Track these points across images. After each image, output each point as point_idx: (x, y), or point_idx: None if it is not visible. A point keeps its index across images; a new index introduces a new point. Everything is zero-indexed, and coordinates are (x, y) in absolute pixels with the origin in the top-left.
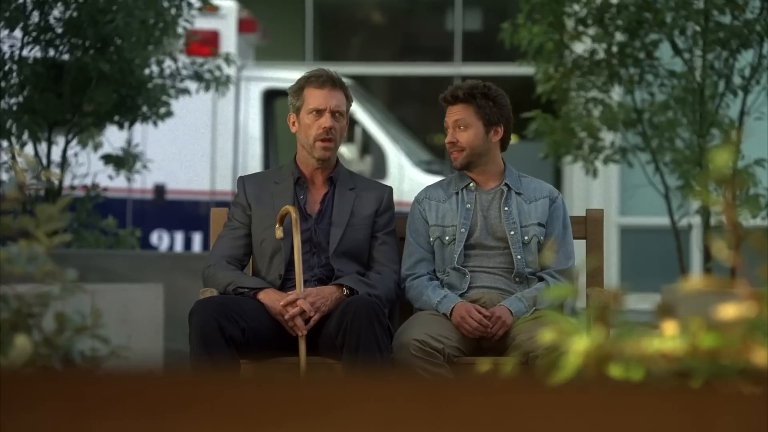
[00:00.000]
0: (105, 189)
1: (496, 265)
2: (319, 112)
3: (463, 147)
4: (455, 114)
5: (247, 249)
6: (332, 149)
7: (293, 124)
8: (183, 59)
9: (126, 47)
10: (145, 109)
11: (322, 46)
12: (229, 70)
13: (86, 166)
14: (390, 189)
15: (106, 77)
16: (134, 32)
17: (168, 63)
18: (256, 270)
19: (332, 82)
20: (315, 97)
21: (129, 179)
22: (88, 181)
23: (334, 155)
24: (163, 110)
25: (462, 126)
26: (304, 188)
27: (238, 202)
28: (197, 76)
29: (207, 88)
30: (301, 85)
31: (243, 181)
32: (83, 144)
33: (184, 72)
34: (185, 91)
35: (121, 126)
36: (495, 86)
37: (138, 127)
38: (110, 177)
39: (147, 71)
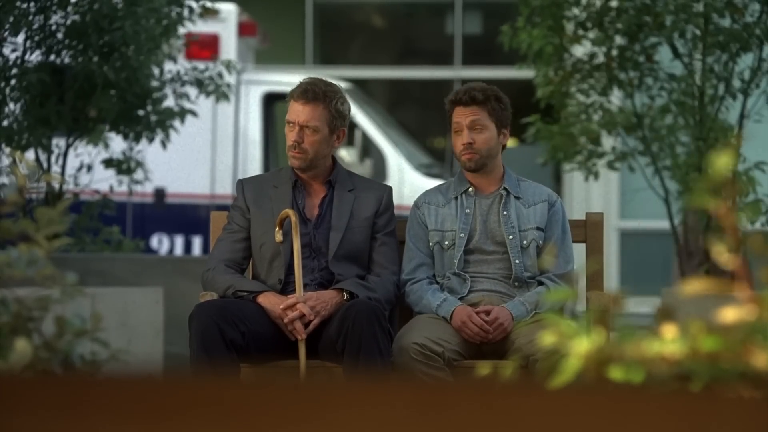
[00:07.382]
0: (112, 201)
1: (496, 270)
2: (291, 125)
3: (479, 149)
4: (471, 115)
5: (247, 252)
6: (300, 160)
7: None
8: (184, 64)
9: (132, 55)
10: (153, 118)
11: (323, 50)
12: (230, 79)
13: (92, 174)
14: (389, 189)
15: (111, 84)
16: (141, 39)
17: (169, 67)
18: (255, 274)
19: (307, 96)
20: (291, 110)
21: (131, 187)
22: (97, 186)
23: (305, 165)
24: (169, 124)
25: (479, 127)
26: (302, 192)
27: (237, 206)
28: (198, 83)
29: (207, 96)
30: (289, 95)
31: (242, 185)
32: (94, 144)
33: (185, 78)
34: (192, 113)
35: (126, 137)
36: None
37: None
38: (111, 188)
39: (150, 76)
